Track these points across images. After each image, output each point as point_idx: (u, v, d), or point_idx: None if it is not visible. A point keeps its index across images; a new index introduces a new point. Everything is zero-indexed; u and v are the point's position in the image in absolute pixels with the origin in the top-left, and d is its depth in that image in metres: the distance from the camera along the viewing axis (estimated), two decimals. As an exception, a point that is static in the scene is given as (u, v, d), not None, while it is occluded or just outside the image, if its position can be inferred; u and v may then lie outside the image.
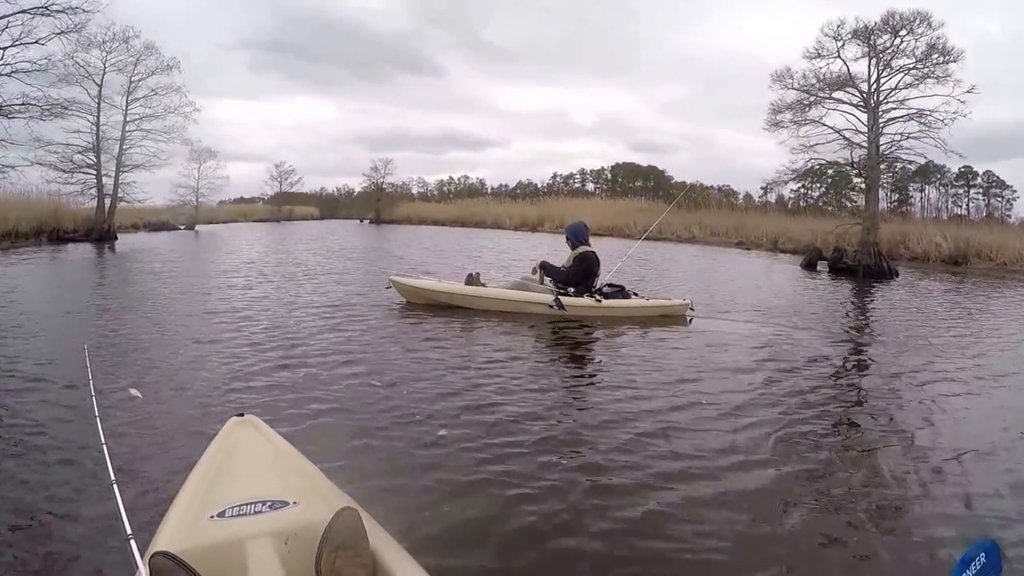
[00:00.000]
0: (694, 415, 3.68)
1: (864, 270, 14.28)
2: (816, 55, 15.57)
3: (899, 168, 17.25)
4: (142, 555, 1.40)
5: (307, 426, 3.25)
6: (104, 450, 1.83)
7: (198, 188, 29.59)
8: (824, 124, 15.79)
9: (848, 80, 15.34)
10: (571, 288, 6.94)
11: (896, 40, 14.68)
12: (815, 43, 15.50)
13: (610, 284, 7.27)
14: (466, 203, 42.02)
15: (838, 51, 15.33)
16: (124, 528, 1.48)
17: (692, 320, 6.98)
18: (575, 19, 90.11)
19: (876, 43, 14.88)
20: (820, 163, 16.60)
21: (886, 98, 15.00)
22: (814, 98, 15.74)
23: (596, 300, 6.85)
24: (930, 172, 33.99)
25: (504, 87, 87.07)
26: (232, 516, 1.60)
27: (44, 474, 2.66)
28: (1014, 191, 36.89)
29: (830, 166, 17.64)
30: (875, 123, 15.02)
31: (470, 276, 7.19)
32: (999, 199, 37.57)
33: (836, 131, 15.66)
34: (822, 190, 37.07)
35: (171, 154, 21.08)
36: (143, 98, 19.46)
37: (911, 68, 14.64)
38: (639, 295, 7.31)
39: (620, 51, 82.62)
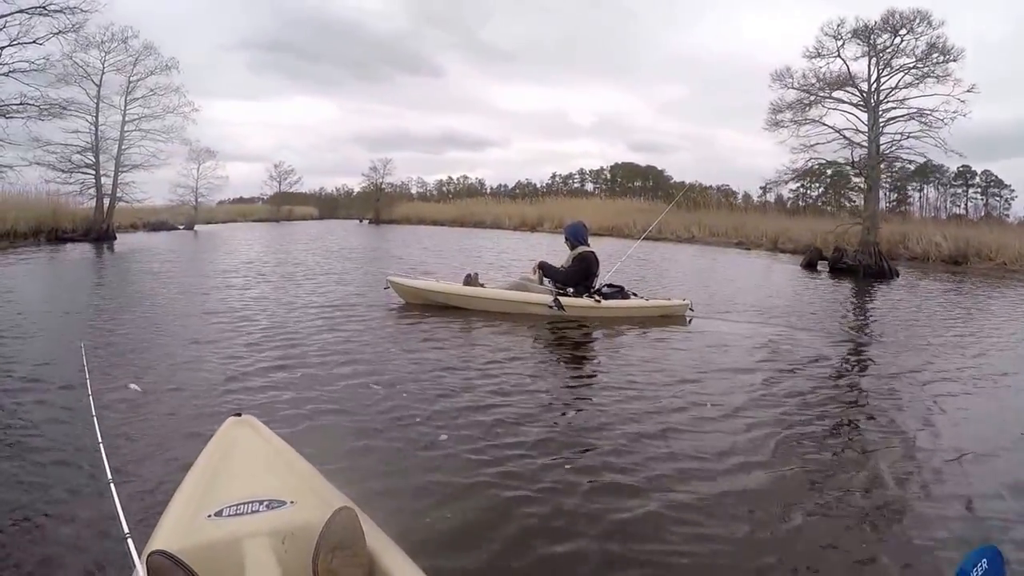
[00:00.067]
0: (694, 416, 3.67)
1: (864, 270, 14.28)
2: (816, 54, 15.59)
3: (898, 168, 17.23)
4: (139, 554, 1.40)
5: (305, 426, 3.24)
6: (101, 449, 1.83)
7: (197, 188, 29.58)
8: (824, 124, 15.82)
9: (848, 79, 15.34)
10: (570, 288, 6.91)
11: (896, 39, 14.70)
12: (815, 42, 15.53)
13: (609, 284, 7.24)
14: (465, 203, 42.06)
15: (838, 50, 15.35)
16: (121, 527, 1.48)
17: (691, 320, 6.97)
18: (573, 20, 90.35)
19: (876, 42, 14.89)
20: (820, 163, 16.62)
21: (886, 97, 15.01)
22: (814, 97, 15.74)
23: (595, 300, 6.82)
24: (928, 172, 34.03)
25: (503, 87, 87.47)
26: (229, 515, 1.60)
27: (41, 473, 2.65)
28: (1012, 191, 37.02)
29: (829, 166, 17.66)
30: (875, 122, 15.03)
31: (468, 276, 7.15)
32: (997, 199, 37.68)
33: (836, 131, 15.69)
34: (821, 190, 37.13)
35: (170, 154, 21.12)
36: (142, 98, 19.47)
37: (911, 67, 14.65)
38: (638, 295, 7.29)
39: (619, 51, 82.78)
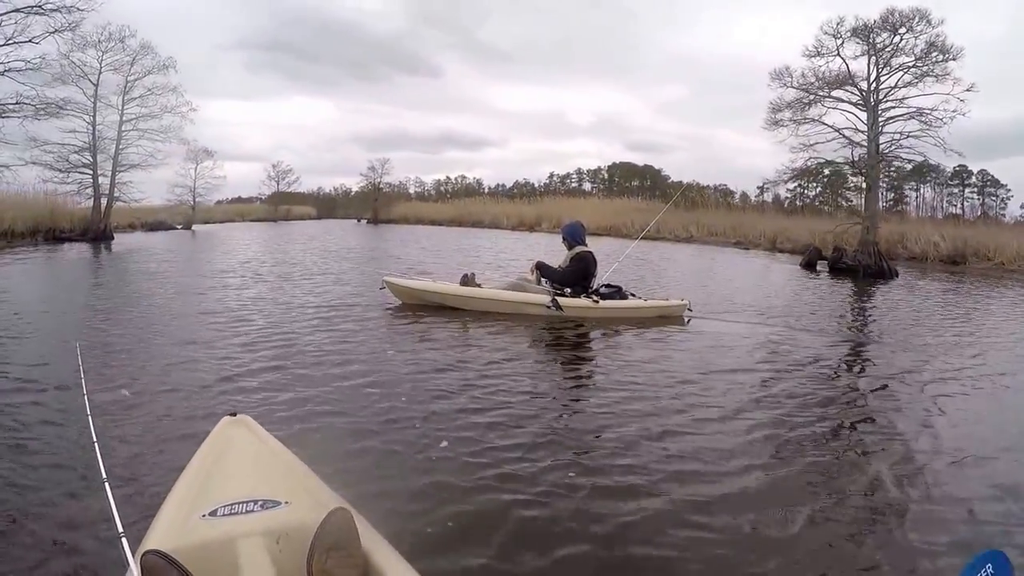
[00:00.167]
0: (693, 417, 3.65)
1: (864, 270, 14.25)
2: (815, 53, 15.56)
3: (895, 168, 17.23)
4: (134, 553, 1.40)
5: (300, 427, 3.23)
6: (96, 449, 1.82)
7: (195, 188, 29.52)
8: (823, 123, 15.80)
9: (847, 78, 15.32)
10: (568, 289, 6.88)
11: (896, 38, 14.67)
12: (814, 41, 15.50)
13: (607, 284, 7.21)
14: (463, 203, 42.01)
15: (837, 49, 15.30)
16: (116, 526, 1.47)
17: (690, 320, 6.95)
18: (571, 20, 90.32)
19: (875, 41, 14.86)
20: (820, 162, 16.61)
21: (886, 97, 14.99)
22: (813, 97, 15.72)
23: (593, 301, 6.80)
24: (925, 171, 34.09)
25: (501, 87, 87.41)
26: (224, 515, 1.59)
27: (35, 473, 2.64)
28: (1008, 190, 37.09)
29: (827, 165, 17.65)
30: (875, 122, 15.00)
31: (465, 276, 7.12)
32: (994, 198, 37.75)
33: (836, 130, 15.67)
34: (818, 190, 37.17)
35: (168, 154, 21.05)
36: (139, 97, 19.39)
37: (910, 66, 14.62)
38: (636, 295, 7.27)
39: (617, 51, 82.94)
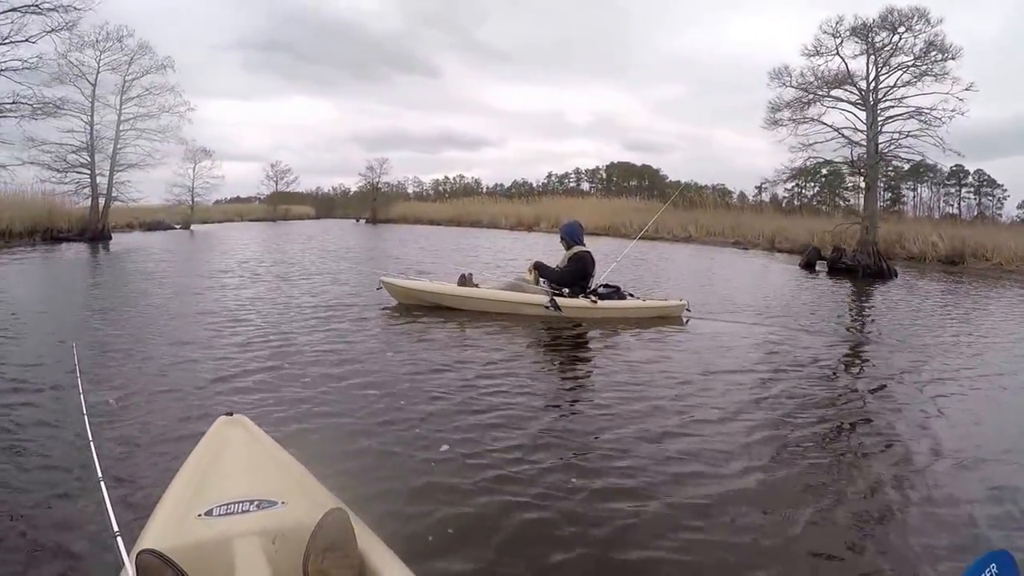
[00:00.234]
0: (691, 419, 3.63)
1: (863, 270, 14.19)
2: (815, 52, 15.49)
3: (893, 168, 17.20)
4: (129, 553, 1.40)
5: (297, 427, 3.22)
6: (91, 448, 1.82)
7: (193, 188, 29.53)
8: (823, 122, 15.76)
9: (846, 78, 15.28)
10: (566, 289, 6.86)
11: (895, 37, 14.62)
12: (813, 40, 15.43)
13: (605, 284, 7.19)
14: (462, 202, 41.97)
15: (836, 48, 15.24)
16: (111, 525, 1.47)
17: (688, 321, 6.94)
18: (569, 20, 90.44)
19: (874, 40, 14.82)
20: (819, 161, 16.53)
21: (885, 96, 14.94)
22: (812, 96, 15.67)
23: (591, 301, 6.78)
24: (922, 171, 34.14)
25: (499, 87, 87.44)
26: (220, 515, 1.59)
27: (30, 471, 2.64)
28: (1005, 190, 37.16)
29: (825, 164, 17.61)
30: (874, 121, 14.96)
31: (463, 277, 7.10)
32: (990, 198, 37.81)
33: (835, 129, 15.62)
34: (816, 189, 37.20)
35: (165, 153, 21.08)
36: (137, 97, 19.38)
37: (909, 66, 14.57)
38: (634, 296, 7.25)
39: (615, 51, 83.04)
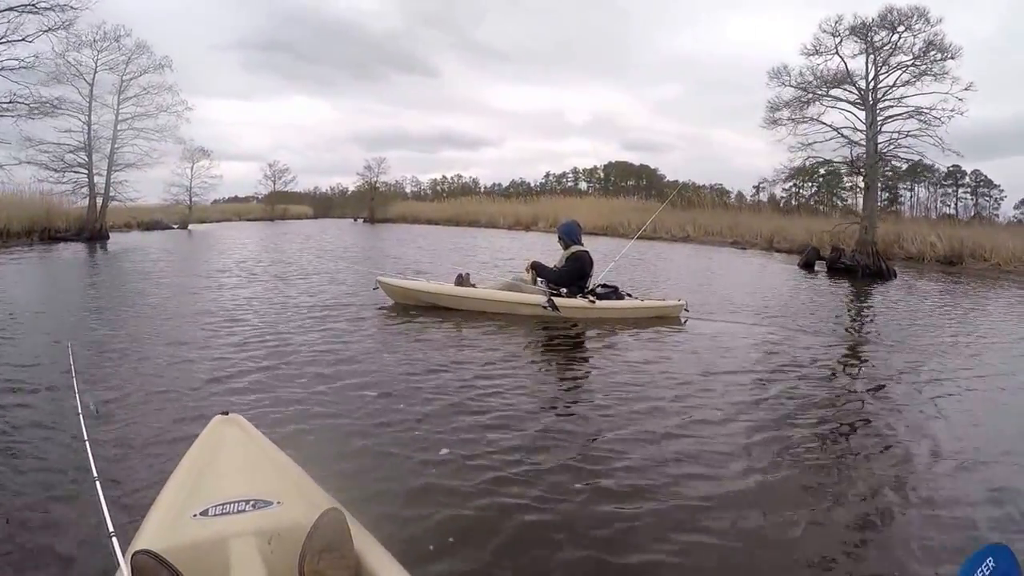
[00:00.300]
0: (691, 419, 3.61)
1: (862, 270, 14.13)
2: (814, 51, 15.46)
3: (890, 167, 17.20)
4: (124, 553, 1.39)
5: (293, 427, 3.21)
6: (87, 448, 1.81)
7: (191, 187, 29.53)
8: (822, 122, 15.73)
9: (846, 77, 15.26)
10: (563, 289, 6.84)
11: (894, 37, 14.58)
12: (813, 39, 15.40)
13: (603, 284, 7.16)
14: (460, 202, 41.96)
15: (836, 48, 15.21)
16: (107, 526, 1.47)
17: (687, 321, 6.91)
18: (568, 20, 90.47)
19: (873, 40, 14.78)
20: (818, 160, 16.53)
21: (884, 96, 14.91)
22: (811, 95, 15.65)
23: (590, 301, 6.75)
24: (919, 171, 34.20)
25: (498, 87, 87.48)
26: (215, 515, 1.59)
27: (25, 473, 2.63)
28: (1001, 191, 37.23)
29: (824, 164, 17.60)
30: (873, 121, 14.92)
31: (460, 276, 7.07)
32: (987, 199, 37.87)
33: (834, 129, 15.60)
34: (814, 189, 37.24)
35: (163, 153, 21.04)
36: (135, 97, 19.37)
37: (909, 65, 14.54)
38: (632, 296, 7.22)
39: (613, 51, 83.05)
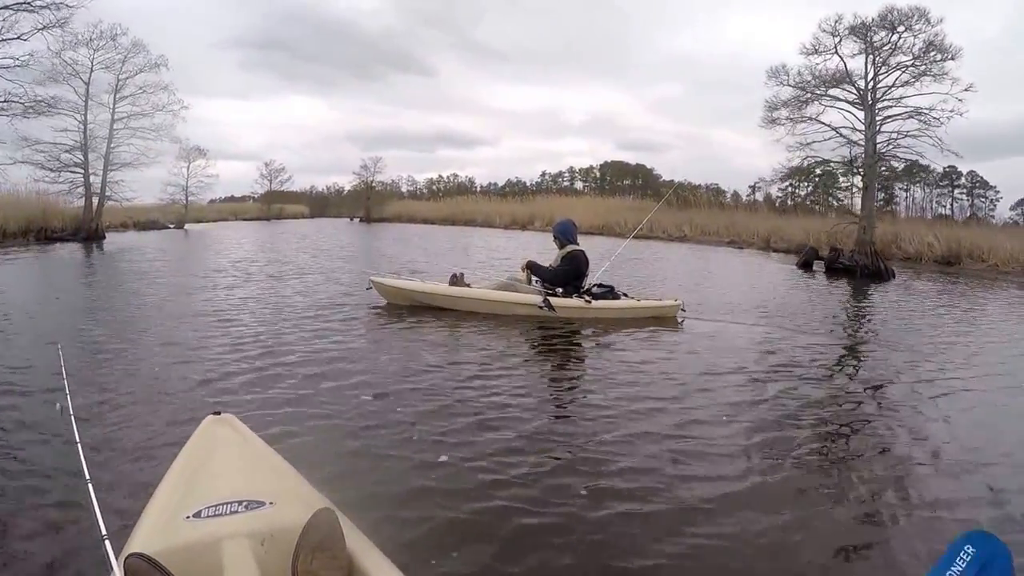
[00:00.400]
0: (689, 420, 3.60)
1: (861, 270, 14.06)
2: (813, 51, 15.40)
3: (887, 168, 17.20)
4: (117, 556, 1.39)
5: (286, 427, 3.20)
6: (79, 450, 1.80)
7: (187, 187, 29.50)
8: (821, 121, 15.68)
9: (845, 77, 15.21)
10: (559, 288, 6.84)
11: (894, 36, 14.53)
12: (812, 39, 15.34)
13: (599, 284, 7.15)
14: (456, 201, 41.94)
15: (835, 47, 15.15)
16: (99, 528, 1.46)
17: (683, 321, 6.90)
18: (566, 20, 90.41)
19: (873, 39, 14.74)
20: (817, 160, 16.50)
21: (883, 96, 14.87)
22: (810, 95, 15.61)
23: (585, 301, 6.74)
24: (916, 171, 34.24)
25: (495, 86, 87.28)
26: (208, 516, 1.58)
27: (17, 474, 2.62)
28: (997, 192, 37.30)
29: (818, 164, 17.58)
30: (872, 121, 14.88)
31: (454, 276, 7.04)
32: (982, 199, 37.95)
33: (833, 128, 15.55)
34: (809, 189, 37.27)
35: (159, 152, 20.96)
36: (131, 96, 19.33)
37: (908, 65, 14.49)
38: (629, 295, 7.19)
39: (612, 51, 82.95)
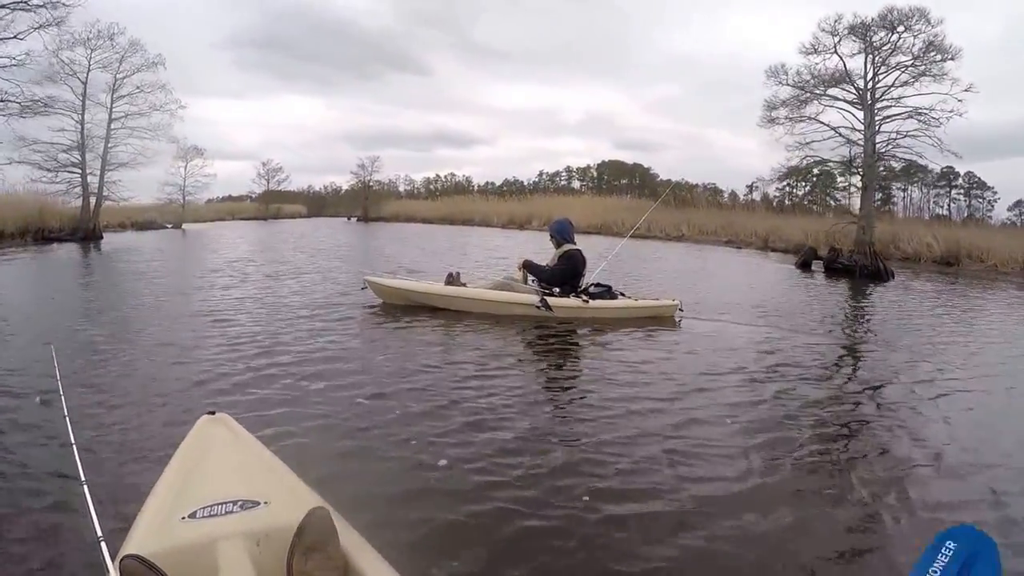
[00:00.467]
0: (687, 420, 3.59)
1: (860, 271, 14.02)
2: (812, 50, 15.38)
3: (884, 167, 17.22)
4: (113, 558, 1.39)
5: (281, 426, 3.19)
6: (74, 451, 1.81)
7: (185, 186, 29.46)
8: (820, 121, 15.67)
9: (844, 76, 15.20)
10: (556, 288, 6.81)
11: (894, 36, 14.52)
12: (811, 38, 15.33)
13: (596, 284, 7.10)
14: (454, 200, 41.92)
15: (835, 46, 15.13)
16: (95, 530, 1.47)
17: (681, 321, 6.88)
18: (565, 19, 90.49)
19: (872, 39, 14.73)
20: (816, 159, 16.51)
21: (882, 96, 14.86)
22: (809, 94, 15.60)
23: (583, 300, 6.71)
24: (913, 172, 34.26)
25: (492, 86, 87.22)
26: (203, 517, 1.59)
27: (11, 476, 2.61)
28: (995, 192, 37.35)
29: (819, 164, 17.56)
30: (871, 121, 14.87)
31: (450, 276, 7.00)
32: (980, 200, 38.01)
33: (832, 128, 15.54)
34: (807, 188, 37.30)
35: (157, 152, 20.99)
36: (128, 95, 19.38)
37: (908, 65, 14.48)
38: (626, 295, 7.16)
39: (610, 51, 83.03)
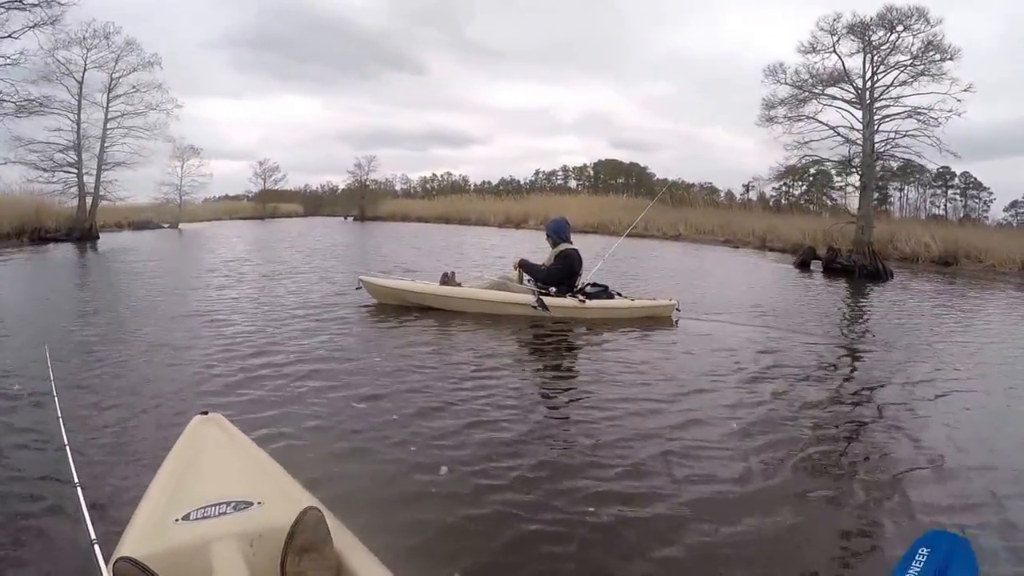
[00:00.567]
0: (686, 420, 3.59)
1: (859, 270, 13.98)
2: (811, 49, 15.34)
3: (882, 167, 17.22)
4: (107, 561, 1.40)
5: (274, 426, 3.20)
6: (67, 453, 1.80)
7: (181, 186, 29.33)
8: (818, 120, 15.65)
9: (842, 76, 15.18)
10: (553, 288, 6.79)
11: (892, 36, 14.50)
12: (810, 37, 15.30)
13: (593, 283, 7.08)
14: (450, 200, 41.83)
15: (833, 46, 15.11)
16: (88, 533, 1.47)
17: (679, 321, 6.86)
18: (561, 18, 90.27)
19: (871, 39, 14.72)
20: (814, 159, 16.49)
21: (881, 95, 14.84)
22: (807, 94, 15.59)
23: (580, 300, 6.69)
24: (910, 172, 34.28)
25: (489, 84, 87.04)
26: (197, 519, 1.59)
27: (4, 478, 2.60)
28: (991, 193, 37.43)
29: (816, 164, 17.57)
30: (870, 120, 14.85)
31: (445, 275, 6.99)
32: (976, 200, 38.08)
33: (831, 127, 15.51)
34: (804, 188, 37.32)
35: (153, 151, 20.86)
36: (124, 95, 19.28)
37: (907, 65, 14.46)
38: (623, 295, 7.14)
39: (607, 49, 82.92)
